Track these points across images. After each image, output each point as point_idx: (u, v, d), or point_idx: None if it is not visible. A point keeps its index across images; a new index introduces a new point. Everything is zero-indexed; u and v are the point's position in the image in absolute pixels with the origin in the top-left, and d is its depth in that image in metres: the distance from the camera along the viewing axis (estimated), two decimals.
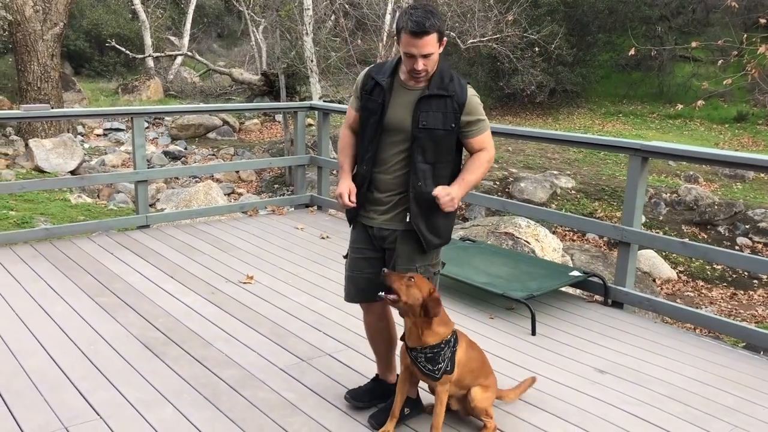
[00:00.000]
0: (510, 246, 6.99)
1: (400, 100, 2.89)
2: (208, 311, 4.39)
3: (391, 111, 2.89)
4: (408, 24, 2.72)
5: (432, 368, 2.87)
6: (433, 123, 2.84)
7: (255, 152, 16.90)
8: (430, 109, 2.84)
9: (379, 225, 3.00)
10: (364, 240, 3.06)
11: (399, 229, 2.96)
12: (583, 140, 5.40)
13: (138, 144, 6.11)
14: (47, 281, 4.81)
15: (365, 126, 2.97)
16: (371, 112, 2.92)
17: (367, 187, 2.97)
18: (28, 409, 3.14)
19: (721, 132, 19.32)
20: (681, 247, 4.65)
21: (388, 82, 2.90)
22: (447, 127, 2.85)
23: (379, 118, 2.89)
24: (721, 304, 9.20)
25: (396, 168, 2.93)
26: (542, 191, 12.85)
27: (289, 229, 6.45)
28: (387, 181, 2.95)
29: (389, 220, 2.98)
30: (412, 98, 2.87)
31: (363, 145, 2.98)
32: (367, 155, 2.94)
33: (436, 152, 2.89)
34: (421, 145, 2.85)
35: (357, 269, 3.08)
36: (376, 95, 2.91)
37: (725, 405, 3.42)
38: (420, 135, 2.84)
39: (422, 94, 2.85)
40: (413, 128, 2.85)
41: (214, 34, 32.65)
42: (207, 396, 3.32)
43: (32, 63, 13.58)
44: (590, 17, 21.63)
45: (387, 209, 2.97)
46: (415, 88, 2.89)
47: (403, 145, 2.89)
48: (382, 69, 2.98)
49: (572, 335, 4.22)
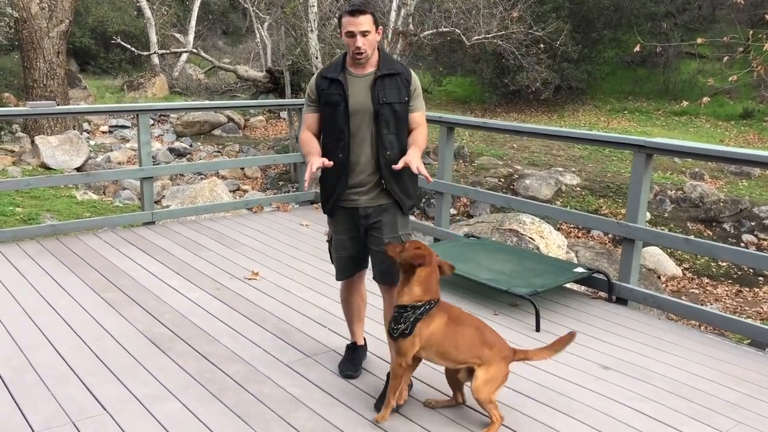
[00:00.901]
0: (514, 243, 6.99)
1: (356, 87, 3.26)
2: (213, 307, 4.41)
3: (353, 97, 3.24)
4: (347, 7, 3.20)
5: (393, 326, 3.05)
6: (390, 97, 3.23)
7: (260, 149, 16.93)
8: (385, 86, 3.24)
9: (364, 205, 3.32)
10: (347, 222, 3.38)
11: (382, 203, 3.32)
12: (588, 137, 5.40)
13: (143, 141, 6.14)
14: (54, 277, 4.84)
15: (332, 118, 3.28)
16: (335, 104, 3.25)
17: (346, 173, 3.27)
18: (35, 403, 3.16)
19: (727, 129, 19.25)
20: (685, 243, 4.65)
21: (342, 76, 3.26)
22: (402, 100, 3.27)
23: (345, 106, 3.23)
24: (726, 301, 9.18)
25: (367, 147, 3.27)
26: (547, 188, 12.84)
27: (294, 225, 6.47)
28: (363, 163, 3.28)
29: (373, 198, 3.32)
30: (366, 82, 3.25)
31: (333, 136, 3.30)
32: (341, 143, 3.26)
33: (397, 123, 3.28)
34: (385, 118, 3.24)
35: (344, 249, 3.42)
36: (335, 89, 3.26)
37: (729, 401, 3.42)
38: (382, 110, 3.22)
39: (376, 75, 3.24)
40: (375, 105, 3.22)
41: (219, 31, 32.69)
42: (213, 391, 3.34)
43: (38, 60, 13.62)
44: (595, 14, 21.57)
45: (369, 188, 3.30)
46: (366, 74, 3.26)
47: (370, 123, 3.25)
48: (331, 68, 3.35)
49: (576, 331, 4.22)
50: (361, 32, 3.14)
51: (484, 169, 14.02)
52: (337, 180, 3.29)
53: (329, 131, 3.32)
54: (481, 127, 5.92)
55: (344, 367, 3.58)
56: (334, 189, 3.30)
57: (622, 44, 22.22)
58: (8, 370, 3.47)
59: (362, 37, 3.15)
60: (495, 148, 15.98)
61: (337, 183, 3.29)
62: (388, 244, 3.18)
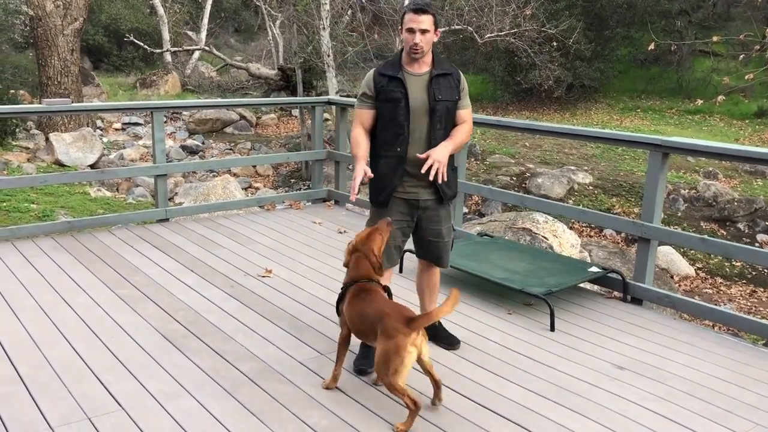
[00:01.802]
0: (528, 242, 6.97)
1: (414, 85, 3.46)
2: (227, 305, 4.42)
3: (412, 94, 3.44)
4: (410, 5, 3.41)
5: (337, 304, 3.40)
6: (445, 96, 3.47)
7: (272, 147, 16.97)
8: (440, 85, 3.46)
9: (424, 197, 3.55)
10: (402, 213, 3.56)
11: (436, 197, 3.56)
12: (603, 136, 5.37)
13: (158, 138, 6.16)
14: (69, 273, 4.87)
15: (392, 114, 3.45)
16: (396, 101, 3.43)
17: (403, 166, 3.47)
18: (52, 400, 3.19)
19: (742, 128, 19.09)
20: (700, 243, 4.61)
21: (401, 74, 3.46)
22: (454, 98, 3.51)
23: (405, 103, 3.42)
24: (741, 302, 9.12)
25: (423, 142, 3.47)
26: (559, 187, 12.79)
27: (307, 223, 6.48)
28: (420, 157, 3.41)
29: (431, 192, 3.54)
30: (423, 81, 3.46)
31: (392, 131, 3.46)
32: (400, 138, 3.45)
33: (448, 120, 3.51)
34: (439, 115, 3.46)
35: (392, 239, 3.54)
36: (395, 86, 3.44)
37: (747, 402, 3.39)
38: (438, 106, 3.44)
39: (432, 75, 3.46)
40: (431, 102, 3.43)
41: (231, 28, 32.76)
42: (227, 388, 3.35)
43: (52, 58, 13.71)
44: (609, 12, 21.44)
45: (427, 182, 3.47)
46: (421, 73, 3.47)
47: (425, 119, 3.46)
48: (389, 66, 3.51)
49: (591, 331, 4.21)
50: (420, 30, 3.35)
51: (496, 167, 13.99)
52: (394, 172, 3.48)
53: (388, 126, 3.48)
54: (493, 125, 5.90)
55: (359, 362, 3.58)
56: (391, 181, 3.48)
57: (635, 42, 22.07)
58: (25, 366, 3.50)
59: (421, 34, 3.35)
60: (507, 146, 15.94)
61: (394, 175, 3.48)
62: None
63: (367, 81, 3.53)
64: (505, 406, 3.28)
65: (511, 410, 3.24)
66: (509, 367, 3.69)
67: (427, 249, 3.70)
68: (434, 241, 3.66)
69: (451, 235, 3.74)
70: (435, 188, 3.53)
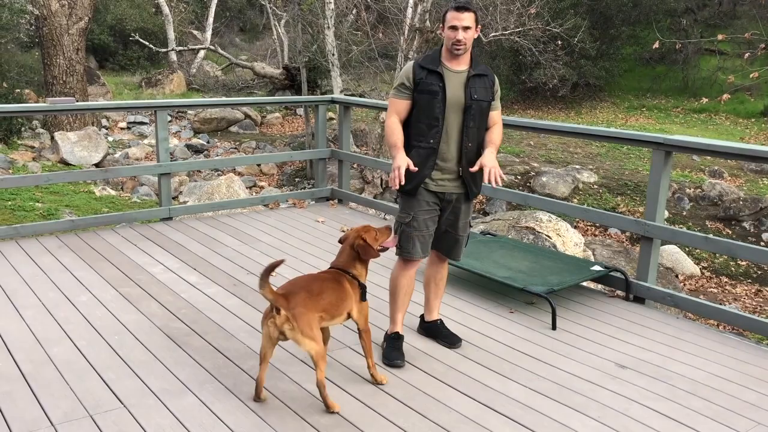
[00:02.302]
0: (531, 240, 6.96)
1: (452, 81, 3.55)
2: (230, 303, 4.43)
3: (450, 90, 3.53)
4: (453, 3, 3.52)
5: None
6: (480, 95, 3.57)
7: (276, 146, 16.98)
8: (476, 85, 3.57)
9: (450, 190, 3.63)
10: (432, 203, 3.63)
11: (462, 191, 3.65)
12: (606, 134, 5.36)
13: (161, 137, 6.17)
14: (72, 272, 4.88)
15: (428, 106, 3.53)
16: (434, 94, 3.52)
17: (434, 158, 3.55)
18: (54, 397, 3.20)
19: (747, 126, 19.02)
20: (704, 242, 4.60)
21: (440, 68, 3.54)
22: (488, 99, 3.61)
23: (443, 97, 3.51)
24: (746, 301, 9.08)
25: (455, 137, 3.56)
26: (564, 186, 12.77)
27: (310, 222, 6.48)
28: (451, 150, 3.57)
29: (457, 186, 3.64)
30: (461, 79, 3.56)
31: (427, 123, 3.54)
32: (434, 130, 3.53)
33: (481, 118, 3.61)
34: (473, 113, 3.55)
35: (426, 228, 3.65)
36: (434, 80, 3.53)
37: (748, 402, 3.38)
38: (473, 105, 3.54)
39: (470, 74, 3.56)
40: (467, 99, 3.53)
41: (236, 28, 32.80)
42: (229, 387, 3.36)
43: (58, 57, 13.76)
44: (614, 10, 21.39)
45: (455, 176, 3.61)
46: (459, 71, 3.56)
47: (459, 116, 3.55)
48: (429, 60, 3.60)
49: (593, 330, 4.21)
50: (463, 27, 3.46)
51: (501, 165, 13.92)
52: (425, 163, 3.54)
53: (424, 118, 3.55)
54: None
55: (394, 355, 3.65)
56: (421, 171, 3.52)
57: (640, 41, 22.03)
58: (28, 364, 3.51)
59: (463, 31, 3.46)
60: (511, 145, 15.91)
61: (425, 166, 3.54)
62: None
63: (406, 72, 3.60)
64: (506, 405, 3.27)
65: (513, 409, 3.24)
66: (511, 366, 3.69)
67: (441, 239, 3.76)
68: (450, 232, 3.74)
69: (466, 230, 3.80)
70: (461, 183, 3.62)
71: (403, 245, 3.67)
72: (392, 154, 3.54)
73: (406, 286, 3.73)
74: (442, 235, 3.75)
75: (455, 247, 3.81)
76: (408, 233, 3.64)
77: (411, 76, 3.57)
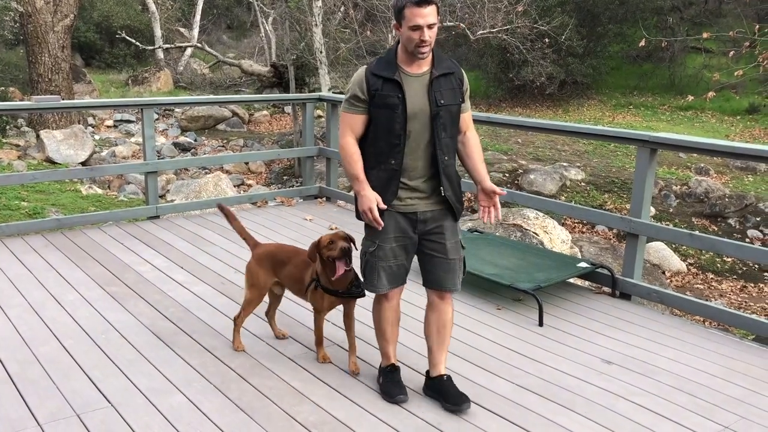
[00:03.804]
0: (518, 237, 6.99)
1: (413, 88, 3.02)
2: (217, 301, 4.43)
3: (410, 99, 3.00)
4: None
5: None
6: (447, 100, 3.04)
7: (264, 144, 16.94)
8: (441, 87, 3.03)
9: (423, 209, 3.12)
10: (401, 229, 3.13)
11: (441, 207, 3.15)
12: (592, 132, 5.38)
13: (148, 135, 6.15)
14: (59, 271, 4.86)
15: (388, 122, 3.02)
16: (393, 108, 2.99)
17: (397, 180, 3.07)
18: (40, 397, 3.19)
19: (733, 124, 19.18)
20: (689, 238, 4.64)
21: (398, 75, 3.00)
22: (457, 101, 3.09)
23: (403, 109, 2.99)
24: (731, 297, 9.17)
25: (424, 152, 3.07)
26: (552, 183, 12.82)
27: (298, 220, 6.48)
28: (419, 167, 3.08)
29: (434, 203, 3.13)
30: (422, 82, 3.03)
31: (387, 141, 3.04)
32: (396, 148, 3.03)
33: (453, 126, 3.11)
34: (443, 121, 3.04)
35: (394, 257, 3.15)
36: (391, 90, 2.99)
37: (731, 396, 3.42)
38: (441, 112, 3.02)
39: (432, 76, 3.02)
40: (432, 107, 3.01)
41: (224, 25, 32.70)
42: (216, 384, 3.36)
43: (43, 55, 13.66)
44: (601, 8, 21.48)
45: (428, 194, 3.12)
46: (420, 73, 3.04)
47: (427, 127, 3.04)
48: (383, 65, 3.05)
49: (579, 326, 4.23)
50: (428, 25, 2.89)
51: (489, 164, 14.00)
52: (387, 187, 3.06)
53: (383, 135, 3.04)
54: (485, 122, 5.90)
55: (396, 390, 3.25)
56: (382, 197, 3.05)
57: (627, 39, 22.14)
58: (14, 363, 3.49)
59: (428, 29, 2.90)
60: (499, 142, 15.96)
61: (387, 191, 3.06)
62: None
63: (358, 82, 3.05)
64: (493, 401, 3.29)
65: (500, 405, 3.26)
66: (498, 362, 3.71)
67: (430, 270, 3.20)
68: (436, 257, 3.15)
69: (459, 253, 3.20)
70: (435, 199, 3.12)
71: (367, 276, 3.20)
72: (355, 189, 3.06)
73: (391, 318, 3.28)
74: (426, 261, 3.19)
75: (449, 275, 3.18)
76: (372, 264, 3.15)
77: (365, 87, 3.02)
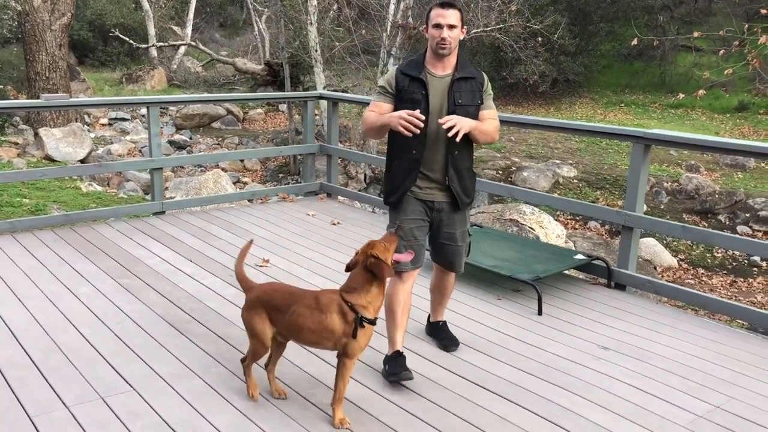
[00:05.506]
0: (515, 232, 7.17)
1: (435, 88, 3.42)
2: (227, 292, 4.58)
3: (433, 97, 3.40)
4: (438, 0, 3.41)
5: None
6: (465, 100, 3.42)
7: (259, 142, 17.06)
8: (461, 89, 3.42)
9: (440, 199, 3.51)
10: (419, 212, 3.52)
11: (451, 200, 3.52)
12: (586, 128, 5.56)
13: (153, 132, 6.28)
14: (71, 264, 4.99)
15: None
16: (416, 103, 3.37)
17: (417, 169, 3.45)
18: (65, 382, 3.33)
19: (722, 122, 19.45)
20: (681, 231, 4.83)
21: (423, 75, 3.41)
22: (475, 103, 3.46)
23: (425, 106, 3.37)
24: (721, 291, 9.38)
25: (441, 146, 3.43)
26: (545, 180, 13.02)
27: (301, 215, 6.63)
28: (438, 160, 3.45)
29: (450, 195, 3.50)
30: (444, 83, 3.42)
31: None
32: (416, 140, 3.37)
33: None
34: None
35: (414, 238, 3.52)
36: (416, 88, 3.40)
37: (721, 378, 3.61)
38: (456, 111, 3.36)
39: (453, 78, 3.41)
40: (450, 106, 3.38)
41: (217, 23, 32.72)
42: (232, 370, 3.51)
43: (40, 53, 13.72)
44: (593, 7, 21.72)
45: (443, 186, 3.48)
46: (443, 75, 3.43)
47: None
48: (412, 66, 3.47)
49: (577, 315, 4.41)
50: (448, 25, 3.31)
51: (482, 161, 14.18)
52: (408, 174, 3.45)
53: None
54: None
55: (400, 369, 3.41)
56: (403, 183, 3.46)
57: (618, 37, 22.39)
58: (37, 351, 3.64)
59: (449, 29, 3.32)
60: None
61: (407, 177, 3.45)
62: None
63: (388, 78, 3.48)
64: (496, 384, 3.47)
65: (503, 388, 3.43)
66: (500, 349, 3.88)
67: (440, 252, 3.67)
68: (447, 244, 3.61)
69: (465, 239, 3.66)
70: (451, 192, 3.48)
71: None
72: (385, 122, 3.36)
73: (403, 302, 3.48)
74: (438, 246, 3.64)
75: (457, 258, 3.66)
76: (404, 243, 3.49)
77: (393, 83, 3.45)
